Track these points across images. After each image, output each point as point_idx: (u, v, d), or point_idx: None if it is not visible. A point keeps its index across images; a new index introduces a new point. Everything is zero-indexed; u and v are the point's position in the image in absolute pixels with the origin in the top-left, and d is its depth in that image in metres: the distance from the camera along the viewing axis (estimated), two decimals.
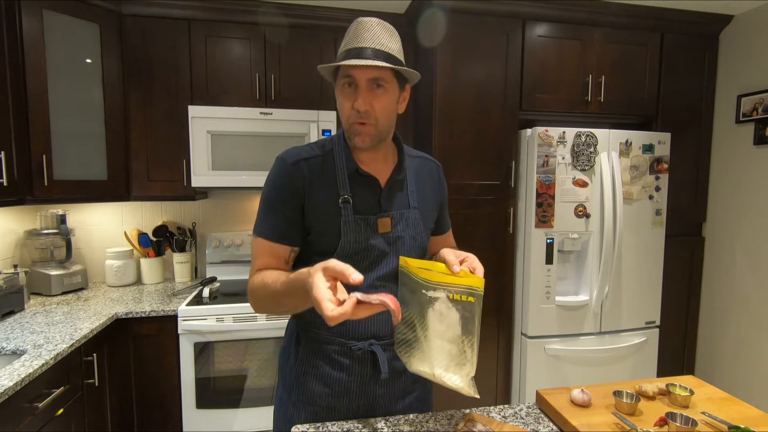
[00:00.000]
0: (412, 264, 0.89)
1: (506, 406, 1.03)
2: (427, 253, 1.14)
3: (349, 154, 0.97)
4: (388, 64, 0.87)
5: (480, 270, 0.86)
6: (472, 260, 0.88)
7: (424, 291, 0.85)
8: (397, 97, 0.95)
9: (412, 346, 0.90)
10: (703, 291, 2.57)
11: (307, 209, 0.94)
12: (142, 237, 2.34)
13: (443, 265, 0.88)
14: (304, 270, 0.77)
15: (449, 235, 1.19)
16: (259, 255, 0.95)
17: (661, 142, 2.22)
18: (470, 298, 0.82)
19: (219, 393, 1.97)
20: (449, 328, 0.84)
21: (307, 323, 1.01)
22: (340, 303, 0.70)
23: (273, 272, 0.91)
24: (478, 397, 0.83)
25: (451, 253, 0.89)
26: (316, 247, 0.96)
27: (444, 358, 0.85)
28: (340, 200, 0.94)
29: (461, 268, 0.84)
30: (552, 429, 0.94)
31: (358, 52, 0.88)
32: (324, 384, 0.99)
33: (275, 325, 1.97)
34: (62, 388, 1.40)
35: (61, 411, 1.40)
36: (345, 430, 0.91)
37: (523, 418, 0.98)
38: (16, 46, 1.77)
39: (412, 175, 1.04)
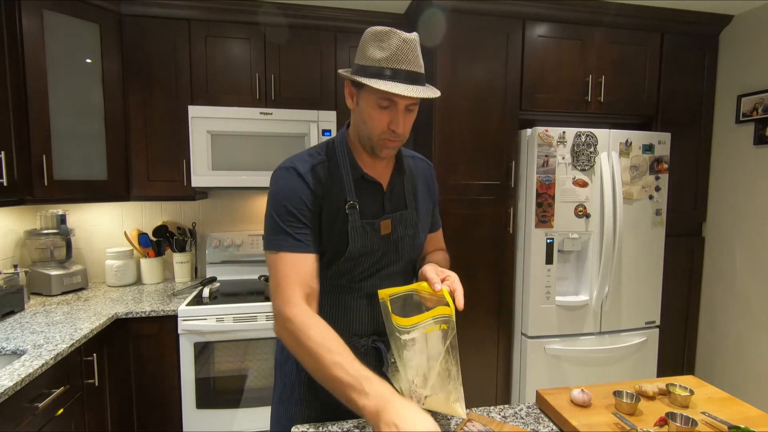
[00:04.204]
0: (388, 300, 0.90)
1: (506, 406, 1.03)
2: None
3: (354, 159, 0.98)
4: (438, 93, 0.89)
5: (460, 292, 0.87)
6: (453, 280, 0.90)
7: (398, 335, 0.88)
8: None
9: (395, 376, 0.93)
10: (703, 291, 2.57)
11: (323, 215, 0.95)
12: (142, 237, 2.34)
13: (426, 284, 0.90)
14: (378, 386, 0.72)
15: (439, 233, 1.21)
16: (292, 271, 0.88)
17: (661, 142, 2.22)
18: (443, 326, 0.85)
19: (219, 393, 1.97)
20: (429, 358, 0.87)
21: None
22: None
23: (333, 334, 0.81)
24: (465, 417, 0.84)
25: (432, 271, 0.90)
26: (323, 253, 0.96)
27: (431, 380, 0.87)
28: (347, 206, 0.95)
29: (442, 287, 0.86)
30: (552, 429, 0.94)
31: (406, 77, 0.86)
32: None
33: None
34: (62, 388, 1.40)
35: (61, 411, 1.40)
36: (345, 430, 0.91)
37: (523, 418, 0.98)
38: (16, 46, 1.76)
39: (408, 176, 1.06)
